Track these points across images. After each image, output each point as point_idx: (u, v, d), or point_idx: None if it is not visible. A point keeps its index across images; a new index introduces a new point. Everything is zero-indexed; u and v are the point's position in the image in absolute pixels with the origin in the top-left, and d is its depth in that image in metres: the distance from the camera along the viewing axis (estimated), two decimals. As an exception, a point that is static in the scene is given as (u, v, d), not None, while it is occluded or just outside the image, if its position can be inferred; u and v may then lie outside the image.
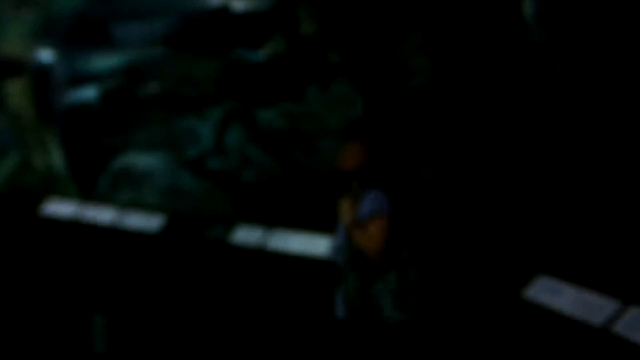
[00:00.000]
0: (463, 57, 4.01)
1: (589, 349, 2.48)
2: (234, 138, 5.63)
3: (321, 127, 5.32)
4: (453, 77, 4.08)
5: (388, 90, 4.28)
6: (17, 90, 6.49)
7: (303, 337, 3.57)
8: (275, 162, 5.44)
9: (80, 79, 6.80)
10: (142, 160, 6.04)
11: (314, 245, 3.85)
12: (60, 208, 5.46)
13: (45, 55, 6.73)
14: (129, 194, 6.04)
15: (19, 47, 6.50)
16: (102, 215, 5.10)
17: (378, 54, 4.45)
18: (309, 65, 5.37)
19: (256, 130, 5.58)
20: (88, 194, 6.39)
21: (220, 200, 5.57)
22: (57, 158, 6.57)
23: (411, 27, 4.38)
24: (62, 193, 6.31)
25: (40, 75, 6.67)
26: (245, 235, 4.20)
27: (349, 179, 2.75)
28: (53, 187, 6.41)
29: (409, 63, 4.44)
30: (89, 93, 6.67)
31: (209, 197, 5.62)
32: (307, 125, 5.33)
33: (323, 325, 3.22)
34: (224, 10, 5.02)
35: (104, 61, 6.76)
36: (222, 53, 5.36)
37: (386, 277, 2.52)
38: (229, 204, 5.47)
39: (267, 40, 5.03)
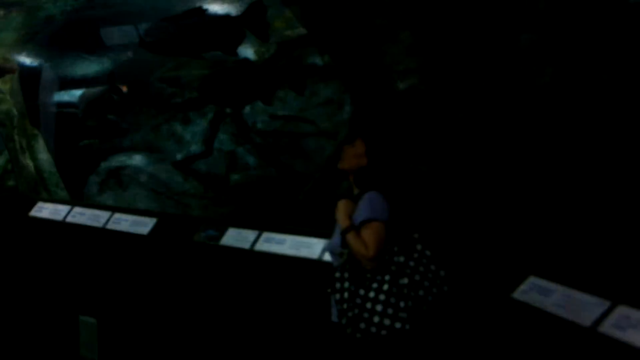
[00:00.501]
0: (452, 58, 4.03)
1: (578, 348, 2.50)
2: (222, 141, 5.65)
3: (308, 128, 5.34)
4: (443, 77, 4.09)
5: (378, 91, 4.29)
6: (5, 93, 6.44)
7: (296, 340, 3.56)
8: (264, 164, 5.46)
9: (68, 82, 6.79)
10: (131, 162, 6.04)
11: (306, 247, 3.84)
12: (48, 209, 5.41)
13: (34, 58, 6.70)
14: (118, 195, 6.03)
15: (7, 49, 6.46)
16: (91, 216, 5.06)
17: (367, 55, 4.46)
18: (295, 67, 5.38)
19: (244, 133, 5.59)
20: (77, 195, 6.36)
21: (209, 202, 5.57)
22: (45, 160, 6.54)
23: (400, 27, 4.39)
24: (51, 194, 6.28)
25: (29, 78, 6.63)
26: (236, 237, 4.18)
27: (348, 179, 2.74)
28: (41, 189, 6.37)
29: (399, 64, 4.45)
30: (76, 96, 6.65)
31: (199, 199, 5.62)
32: (294, 127, 5.35)
33: (316, 329, 3.22)
34: (199, 13, 5.05)
35: (91, 64, 6.74)
36: (196, 55, 5.37)
37: (379, 283, 2.51)
38: (218, 205, 5.47)
39: (240, 43, 5.04)
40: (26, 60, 6.64)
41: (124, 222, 4.82)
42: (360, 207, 2.61)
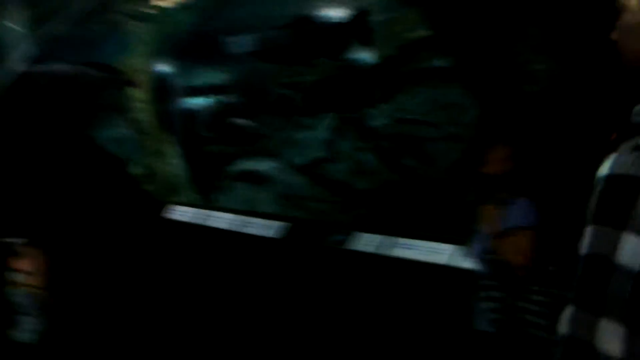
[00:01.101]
0: (586, 58, 3.84)
1: None
2: (345, 144, 5.69)
3: (432, 132, 5.26)
4: (575, 79, 3.91)
5: (509, 93, 4.17)
6: (139, 102, 6.88)
7: (430, 346, 3.53)
8: (387, 169, 5.44)
9: (195, 90, 7.13)
10: (257, 167, 6.23)
11: (435, 253, 3.81)
12: (181, 213, 5.70)
13: (164, 68, 7.10)
14: (245, 199, 6.24)
15: (141, 61, 6.90)
16: (221, 219, 5.29)
17: (493, 56, 4.34)
18: (417, 70, 5.33)
19: (367, 137, 5.60)
20: (207, 199, 6.66)
21: (334, 207, 5.63)
22: (177, 165, 6.90)
23: (528, 26, 4.25)
24: (183, 198, 6.60)
25: (160, 87, 7.03)
26: (363, 241, 4.22)
27: (493, 185, 2.70)
28: (175, 192, 6.72)
29: (527, 65, 4.30)
30: (202, 103, 6.98)
31: (324, 204, 5.70)
32: (418, 130, 5.29)
33: (454, 335, 3.18)
34: (305, 22, 5.17)
35: (216, 73, 7.05)
36: (306, 62, 5.47)
37: (532, 292, 2.45)
38: (343, 210, 5.53)
39: (346, 49, 5.11)
40: (157, 70, 7.05)
41: (252, 225, 4.99)
42: (510, 212, 2.56)
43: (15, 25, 7.43)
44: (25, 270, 2.85)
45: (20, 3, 7.40)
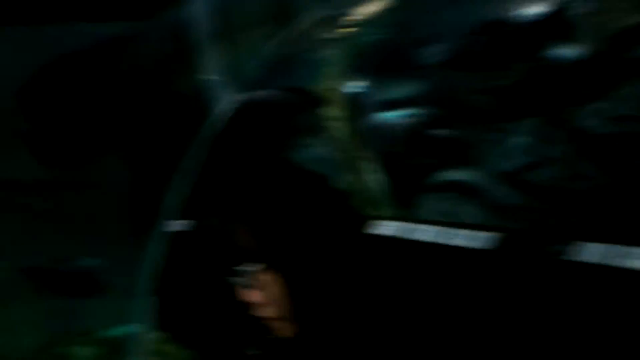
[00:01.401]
0: None
1: None
2: (553, 148, 5.39)
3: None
4: None
5: None
6: (334, 120, 7.13)
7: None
8: (605, 172, 5.04)
9: (389, 104, 7.23)
10: (458, 176, 6.13)
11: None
12: (383, 227, 5.78)
13: (357, 85, 7.29)
14: (448, 210, 6.17)
15: (334, 80, 7.16)
16: (426, 232, 5.27)
17: None
18: (632, 60, 4.93)
19: (578, 138, 5.26)
20: (409, 212, 6.68)
21: (546, 215, 5.35)
22: (376, 179, 7.02)
23: None
24: (384, 213, 6.69)
25: (354, 104, 7.23)
26: (585, 252, 3.94)
27: None
28: (375, 208, 6.84)
29: None
30: (397, 117, 7.05)
31: (534, 212, 5.45)
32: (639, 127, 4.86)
33: None
34: (496, 26, 4.97)
35: (409, 85, 7.09)
36: (502, 67, 5.25)
37: None
38: (556, 218, 5.23)
39: (543, 47, 4.81)
40: (350, 88, 7.27)
41: (459, 237, 4.91)
42: None
43: (215, 75, 8.13)
44: (260, 301, 2.86)
45: (215, 54, 8.09)
